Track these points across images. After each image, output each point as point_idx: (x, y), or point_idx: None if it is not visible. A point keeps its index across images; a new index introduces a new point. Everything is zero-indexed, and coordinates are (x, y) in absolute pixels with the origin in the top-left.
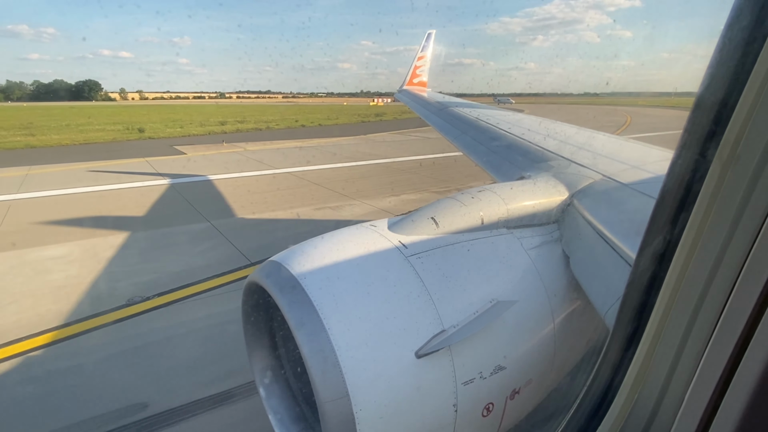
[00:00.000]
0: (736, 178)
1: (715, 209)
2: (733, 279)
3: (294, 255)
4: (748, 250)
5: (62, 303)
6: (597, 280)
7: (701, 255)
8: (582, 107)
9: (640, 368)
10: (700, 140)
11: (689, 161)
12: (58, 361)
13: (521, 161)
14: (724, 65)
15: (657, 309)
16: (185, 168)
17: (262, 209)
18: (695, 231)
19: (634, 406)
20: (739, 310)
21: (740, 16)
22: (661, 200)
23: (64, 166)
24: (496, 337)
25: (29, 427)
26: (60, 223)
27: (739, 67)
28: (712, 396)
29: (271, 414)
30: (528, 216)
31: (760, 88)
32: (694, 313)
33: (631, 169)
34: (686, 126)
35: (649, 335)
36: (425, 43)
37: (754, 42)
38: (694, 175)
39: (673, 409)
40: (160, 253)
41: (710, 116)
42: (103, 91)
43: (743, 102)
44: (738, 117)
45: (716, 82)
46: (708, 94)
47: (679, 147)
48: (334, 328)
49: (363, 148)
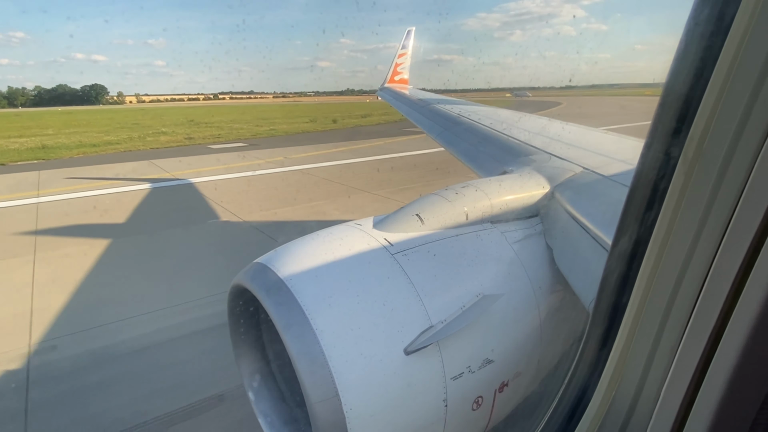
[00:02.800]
0: (702, 175)
1: (683, 206)
2: (704, 275)
3: (279, 256)
4: (717, 246)
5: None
6: (580, 271)
7: (671, 252)
8: (604, 99)
9: (616, 366)
10: (666, 138)
11: (657, 159)
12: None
13: (503, 156)
14: (687, 61)
15: (630, 307)
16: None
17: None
18: (665, 229)
19: (611, 404)
20: (710, 306)
21: (701, 9)
22: (630, 198)
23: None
24: (483, 331)
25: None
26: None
27: (702, 63)
28: (687, 391)
29: (261, 417)
30: (511, 210)
31: (722, 86)
32: (666, 311)
33: (610, 162)
34: (653, 123)
35: (623, 333)
36: (405, 41)
37: (715, 37)
38: (662, 173)
39: (649, 405)
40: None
41: (676, 114)
42: (108, 95)
43: (707, 99)
44: (702, 115)
45: (680, 78)
46: (673, 90)
47: (647, 145)
48: (321, 329)
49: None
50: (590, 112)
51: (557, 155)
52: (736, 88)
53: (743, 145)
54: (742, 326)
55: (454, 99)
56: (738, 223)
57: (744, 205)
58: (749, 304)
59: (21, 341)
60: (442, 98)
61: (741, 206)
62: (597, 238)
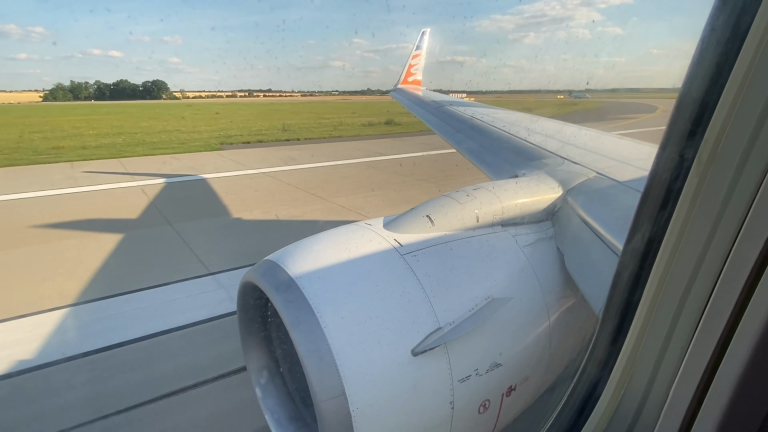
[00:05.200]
0: (716, 178)
1: (696, 208)
2: (715, 277)
3: (289, 254)
4: (729, 249)
5: None
6: (591, 276)
7: (684, 253)
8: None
9: (626, 365)
10: (681, 140)
11: (671, 161)
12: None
13: (516, 159)
14: (704, 66)
15: (641, 307)
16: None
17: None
18: (678, 230)
19: (619, 402)
20: (720, 308)
21: (719, 15)
22: (644, 199)
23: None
24: (491, 335)
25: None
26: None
27: (718, 68)
28: (696, 392)
29: (268, 414)
30: (523, 213)
31: (738, 90)
32: (677, 312)
33: (624, 166)
34: (669, 125)
35: (633, 333)
36: (420, 42)
37: (732, 42)
38: (676, 175)
39: (658, 405)
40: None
41: (691, 116)
42: (168, 91)
43: (722, 103)
44: (718, 118)
45: (696, 82)
46: (689, 94)
47: (662, 147)
48: (329, 327)
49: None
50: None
51: (570, 159)
52: (752, 92)
53: (758, 149)
54: (752, 329)
55: (467, 101)
56: (751, 225)
57: (758, 208)
58: (759, 307)
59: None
60: (455, 100)
61: (755, 209)
62: (609, 243)
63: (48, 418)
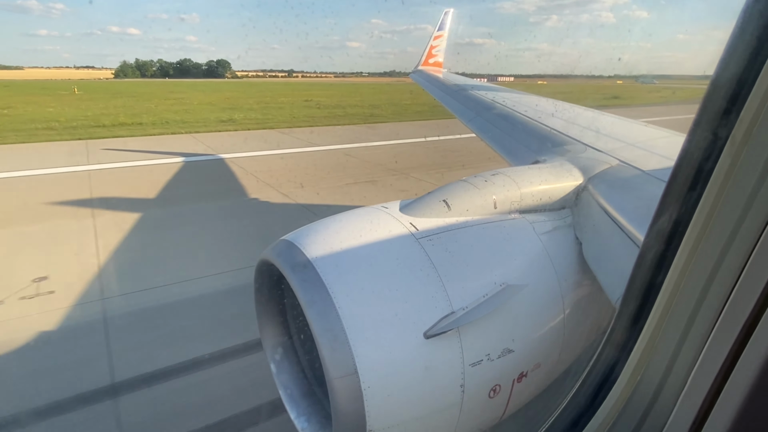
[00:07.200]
0: (750, 158)
1: (727, 190)
2: (742, 263)
3: (306, 234)
4: (759, 233)
5: None
6: (609, 266)
7: (711, 237)
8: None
9: (644, 351)
10: (716, 119)
11: (704, 140)
12: None
13: (536, 145)
14: (743, 41)
15: (663, 292)
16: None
17: None
18: (707, 212)
19: (635, 388)
20: (745, 297)
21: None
22: (673, 179)
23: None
24: (504, 321)
25: None
26: None
27: (759, 43)
28: (714, 382)
29: (281, 389)
30: (541, 200)
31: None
32: (700, 298)
33: (649, 155)
34: (702, 103)
35: (654, 319)
36: (442, 22)
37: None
38: (708, 155)
39: (674, 393)
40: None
41: (727, 94)
42: (232, 70)
43: (761, 82)
44: (756, 96)
45: (735, 59)
46: (726, 71)
47: (694, 124)
48: (344, 308)
49: None
50: None
51: (593, 146)
52: None
53: None
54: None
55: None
56: None
57: None
58: None
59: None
60: (477, 83)
61: None
62: (630, 234)
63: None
